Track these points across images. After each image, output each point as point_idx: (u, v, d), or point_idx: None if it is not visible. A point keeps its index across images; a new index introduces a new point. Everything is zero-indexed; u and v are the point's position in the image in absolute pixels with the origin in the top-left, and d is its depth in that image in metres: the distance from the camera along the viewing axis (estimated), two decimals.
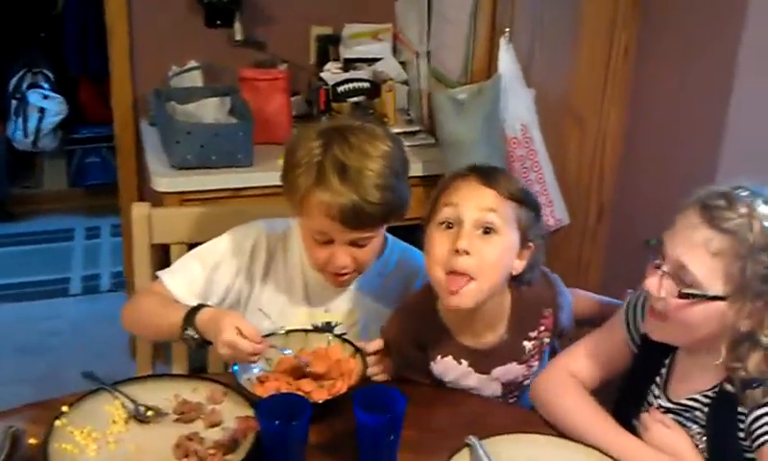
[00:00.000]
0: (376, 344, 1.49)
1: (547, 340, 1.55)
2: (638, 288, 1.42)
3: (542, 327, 1.53)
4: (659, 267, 1.27)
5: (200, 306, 1.48)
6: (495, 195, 1.41)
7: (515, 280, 1.47)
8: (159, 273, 1.61)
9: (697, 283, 1.22)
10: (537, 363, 1.55)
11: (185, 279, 1.57)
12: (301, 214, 1.50)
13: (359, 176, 1.43)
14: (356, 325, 1.62)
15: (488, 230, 1.39)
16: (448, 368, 1.51)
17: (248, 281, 1.61)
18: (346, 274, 1.54)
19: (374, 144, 1.46)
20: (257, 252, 1.61)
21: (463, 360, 1.50)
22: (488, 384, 1.52)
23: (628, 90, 2.00)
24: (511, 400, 1.57)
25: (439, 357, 1.50)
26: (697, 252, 1.22)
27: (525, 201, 1.44)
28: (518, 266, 1.45)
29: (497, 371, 1.51)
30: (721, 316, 1.23)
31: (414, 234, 1.56)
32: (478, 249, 1.37)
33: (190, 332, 1.45)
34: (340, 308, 1.63)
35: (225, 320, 1.40)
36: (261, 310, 1.61)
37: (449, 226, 1.40)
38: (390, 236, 1.66)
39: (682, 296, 1.24)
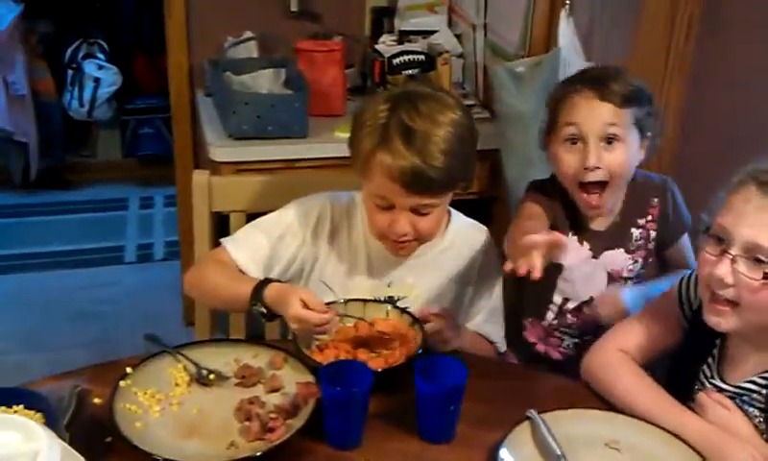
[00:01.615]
0: (439, 309, 1.49)
1: (653, 234, 1.66)
2: (693, 269, 1.40)
3: (650, 217, 1.66)
4: (724, 252, 1.24)
5: (266, 281, 1.47)
6: (612, 107, 1.53)
7: None
8: (223, 240, 1.62)
9: None
10: (640, 262, 1.66)
11: (250, 249, 1.57)
12: (364, 177, 1.50)
13: (424, 140, 1.42)
14: (418, 299, 1.60)
15: (611, 140, 1.54)
16: (573, 247, 1.60)
17: (311, 253, 1.61)
18: (406, 242, 1.52)
19: (444, 112, 1.45)
20: (322, 223, 1.61)
21: (584, 241, 1.63)
22: (598, 272, 1.64)
23: (690, 66, 1.96)
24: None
25: (570, 234, 1.61)
26: (766, 226, 1.19)
27: (639, 99, 1.55)
28: (641, 155, 1.60)
29: (606, 255, 1.64)
30: None
31: (476, 209, 1.55)
32: (605, 160, 1.54)
33: (259, 308, 1.45)
34: (402, 282, 1.61)
35: (290, 295, 1.40)
36: (324, 282, 1.60)
37: (574, 141, 1.56)
38: (453, 211, 1.65)
39: (766, 276, 1.19)
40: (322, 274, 1.61)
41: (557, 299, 1.69)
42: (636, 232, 1.65)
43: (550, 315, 1.71)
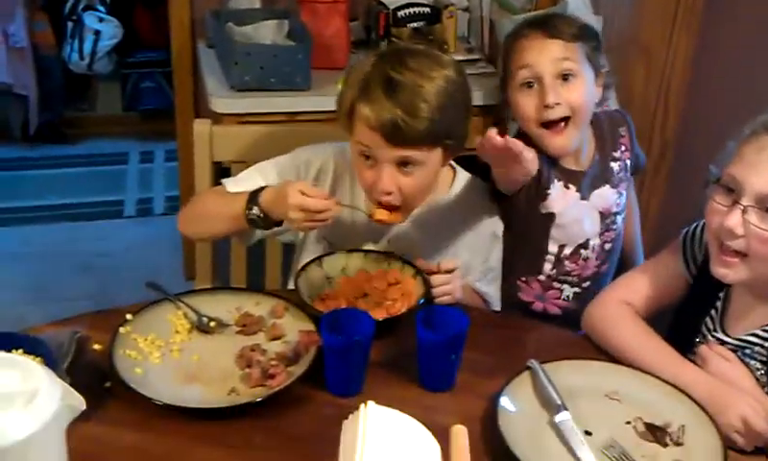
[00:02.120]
0: (449, 263, 1.47)
1: (629, 162, 1.71)
2: (698, 221, 1.39)
3: (623, 147, 1.71)
4: (735, 203, 1.22)
5: (262, 188, 1.46)
6: (562, 43, 1.55)
7: None
8: (223, 180, 1.60)
9: None
10: (624, 193, 1.71)
11: (248, 187, 1.53)
12: (348, 130, 1.48)
13: (406, 91, 1.40)
14: (418, 255, 1.56)
15: (566, 77, 1.55)
16: (559, 194, 1.62)
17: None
18: (393, 206, 1.49)
19: (435, 68, 1.43)
20: (323, 175, 1.59)
21: (570, 185, 1.63)
22: (589, 213, 1.66)
23: (698, 19, 1.93)
24: (606, 242, 1.69)
25: (555, 181, 1.61)
26: None
27: (587, 34, 1.59)
28: (598, 92, 1.61)
29: (594, 195, 1.66)
30: None
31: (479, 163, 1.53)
32: (564, 96, 1.54)
33: (255, 211, 1.43)
34: (404, 238, 1.59)
35: (288, 186, 1.39)
36: (325, 238, 1.59)
37: (530, 84, 1.56)
38: (459, 168, 1.63)
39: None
40: (322, 229, 1.59)
41: (552, 248, 1.68)
42: (615, 166, 1.69)
43: (547, 266, 1.70)
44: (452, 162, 1.61)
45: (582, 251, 1.69)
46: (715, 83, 1.88)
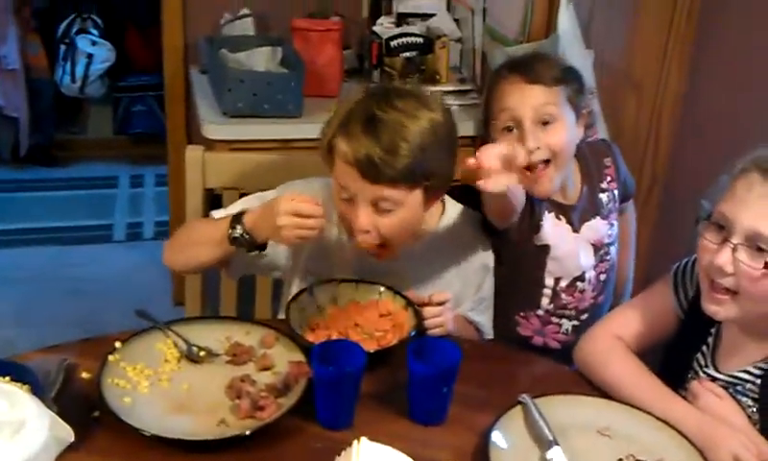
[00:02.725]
0: (441, 295, 1.46)
1: (617, 192, 1.72)
2: (689, 257, 1.39)
3: (609, 178, 1.72)
4: (725, 241, 1.23)
5: (246, 211, 1.45)
6: (542, 88, 1.55)
7: None
8: (212, 211, 1.60)
9: None
10: (615, 223, 1.72)
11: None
12: (328, 165, 1.47)
13: (386, 128, 1.38)
14: (408, 289, 1.53)
15: (546, 122, 1.55)
16: (552, 226, 1.64)
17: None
18: (374, 247, 1.47)
19: (421, 109, 1.42)
20: None
21: (561, 217, 1.65)
22: (582, 247, 1.67)
23: (689, 55, 1.95)
24: (602, 273, 1.70)
25: (546, 213, 1.63)
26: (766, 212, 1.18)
27: (569, 77, 1.59)
28: (580, 132, 1.62)
29: (585, 228, 1.67)
30: None
31: (470, 193, 1.53)
32: (544, 140, 1.55)
33: (239, 230, 1.42)
34: (393, 272, 1.55)
35: (278, 199, 1.38)
36: (309, 272, 1.58)
37: (510, 128, 1.56)
38: (448, 200, 1.62)
39: (766, 265, 1.19)
40: (307, 263, 1.58)
41: (549, 281, 1.68)
42: (603, 197, 1.71)
43: (545, 301, 1.70)
44: None
45: (578, 283, 1.69)
46: (706, 116, 1.90)
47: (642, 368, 1.37)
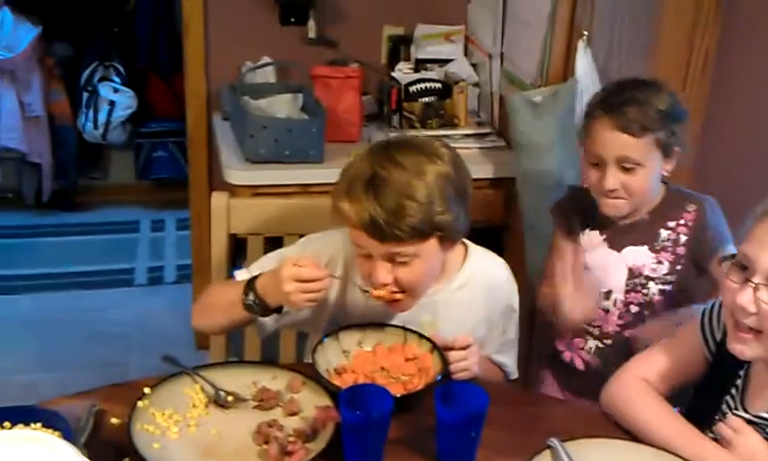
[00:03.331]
0: (464, 340, 1.46)
1: (684, 238, 1.68)
2: (714, 298, 1.40)
3: (683, 221, 1.69)
4: (747, 281, 1.24)
5: (260, 275, 1.46)
6: (628, 138, 1.58)
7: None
8: (235, 272, 1.60)
9: None
10: (666, 265, 1.68)
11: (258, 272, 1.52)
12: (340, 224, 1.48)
13: (388, 189, 1.38)
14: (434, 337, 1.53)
15: (627, 167, 1.60)
16: (591, 239, 1.72)
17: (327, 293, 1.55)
18: (393, 296, 1.47)
19: (426, 164, 1.41)
20: (333, 264, 1.57)
21: (603, 233, 1.72)
22: (616, 266, 1.70)
23: (705, 98, 1.96)
24: (632, 304, 1.70)
25: (588, 229, 1.71)
26: None
27: (661, 123, 1.59)
28: (668, 168, 1.65)
29: (628, 250, 1.70)
30: None
31: (489, 237, 1.55)
32: (623, 182, 1.62)
33: (251, 297, 1.44)
34: (417, 321, 1.55)
35: (282, 265, 1.40)
36: (336, 322, 1.57)
37: (596, 164, 1.64)
38: (471, 246, 1.62)
39: None
40: (333, 316, 1.58)
41: None
42: (664, 233, 1.69)
43: None
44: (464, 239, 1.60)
45: (604, 302, 1.72)
46: (721, 162, 1.91)
47: (671, 411, 1.37)
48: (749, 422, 1.32)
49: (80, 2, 4.05)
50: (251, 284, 1.46)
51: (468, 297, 1.59)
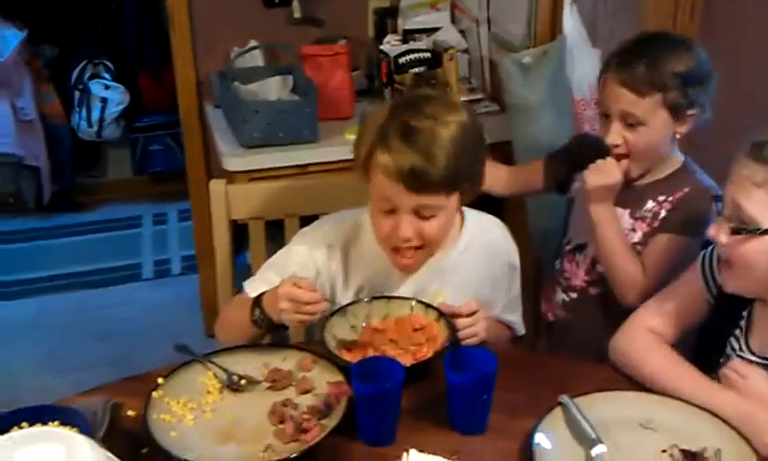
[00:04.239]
0: (470, 306, 1.48)
1: (663, 214, 1.66)
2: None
3: (670, 198, 1.66)
4: (719, 214, 1.33)
5: (267, 291, 1.48)
6: (632, 95, 1.58)
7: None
8: (244, 283, 1.61)
9: (751, 220, 1.25)
10: (639, 234, 1.68)
11: (265, 286, 1.52)
12: (366, 180, 1.49)
13: (423, 137, 1.41)
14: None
15: (631, 123, 1.60)
16: (581, 185, 1.72)
17: (328, 280, 1.58)
18: (410, 252, 1.50)
19: (450, 113, 1.44)
20: (332, 251, 1.58)
21: None
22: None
23: None
24: (599, 263, 1.71)
25: (586, 172, 1.69)
26: (745, 186, 1.25)
27: (672, 84, 1.56)
28: (682, 129, 1.63)
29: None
30: None
31: (489, 201, 1.56)
32: (626, 136, 1.62)
33: (257, 313, 1.46)
34: (425, 290, 1.57)
35: (282, 282, 1.42)
36: (339, 304, 1.57)
37: (606, 115, 1.65)
38: (467, 210, 1.63)
39: (733, 232, 1.26)
40: (342, 297, 1.59)
41: (564, 240, 1.80)
42: (650, 204, 1.68)
43: (557, 261, 1.82)
44: None
45: (577, 253, 1.76)
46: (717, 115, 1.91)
47: (680, 359, 1.38)
48: (754, 363, 1.33)
49: (64, 2, 4.02)
50: (257, 300, 1.47)
51: (471, 260, 1.61)
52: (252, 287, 1.56)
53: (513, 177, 2.00)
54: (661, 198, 1.67)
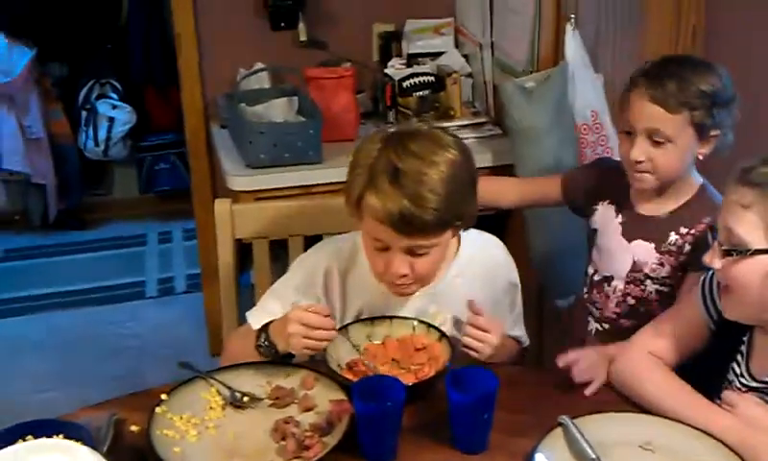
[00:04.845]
0: (489, 323, 1.49)
1: (688, 247, 1.65)
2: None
3: (693, 231, 1.65)
4: (714, 239, 1.34)
5: (273, 321, 1.49)
6: (662, 112, 1.56)
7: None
8: (247, 314, 1.62)
9: (740, 241, 1.27)
10: (667, 269, 1.66)
11: (267, 316, 1.54)
12: (358, 218, 1.49)
13: (411, 180, 1.39)
14: (442, 326, 1.55)
15: (657, 141, 1.58)
16: (606, 216, 1.74)
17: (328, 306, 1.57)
18: (405, 284, 1.51)
19: (437, 151, 1.43)
20: (329, 278, 1.59)
21: (620, 214, 1.72)
22: (622, 255, 1.71)
23: None
24: (630, 296, 1.71)
25: (607, 202, 1.74)
26: (734, 210, 1.27)
27: (700, 102, 1.56)
28: (704, 150, 1.62)
29: (637, 243, 1.69)
30: None
31: (493, 223, 1.57)
32: (651, 155, 1.60)
33: (263, 339, 1.47)
34: (424, 312, 1.58)
35: (294, 307, 1.43)
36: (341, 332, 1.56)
37: (629, 133, 1.62)
38: (462, 232, 1.62)
39: (725, 254, 1.28)
40: (342, 322, 1.59)
41: (590, 268, 1.78)
42: (673, 237, 1.66)
43: (584, 289, 1.80)
44: None
45: (605, 285, 1.74)
46: None
47: (679, 381, 1.39)
48: (755, 389, 1.34)
49: (72, 22, 4.07)
50: (264, 328, 1.49)
51: (469, 281, 1.61)
52: (255, 317, 1.57)
53: (520, 188, 2.03)
54: (684, 230, 1.65)
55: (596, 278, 1.77)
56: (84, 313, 3.54)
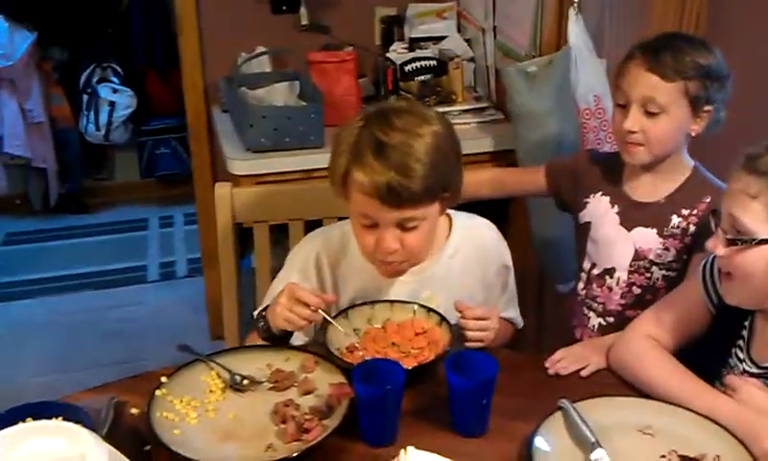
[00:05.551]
0: (485, 310, 1.50)
1: (693, 228, 1.64)
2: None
3: (695, 211, 1.64)
4: (717, 227, 1.33)
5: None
6: (658, 80, 1.56)
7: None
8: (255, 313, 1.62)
9: (746, 230, 1.26)
10: (672, 253, 1.65)
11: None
12: (344, 197, 1.49)
13: (396, 152, 1.40)
14: (438, 309, 1.55)
15: (651, 111, 1.57)
16: (599, 208, 1.72)
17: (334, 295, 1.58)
18: (396, 262, 1.51)
19: (421, 125, 1.44)
20: (321, 268, 1.60)
21: (616, 204, 1.70)
22: (623, 245, 1.69)
23: None
24: (636, 285, 1.68)
25: (600, 194, 1.72)
26: (740, 199, 1.27)
27: (697, 74, 1.56)
28: (696, 127, 1.61)
29: (637, 231, 1.68)
30: None
31: (494, 208, 1.56)
32: (644, 126, 1.59)
33: (261, 321, 1.49)
34: (417, 297, 1.58)
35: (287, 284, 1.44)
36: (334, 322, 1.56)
37: (623, 106, 1.62)
38: (454, 213, 1.64)
39: (730, 243, 1.28)
40: (335, 311, 1.57)
41: (586, 264, 1.75)
42: (675, 220, 1.65)
43: (580, 285, 1.77)
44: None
45: (607, 277, 1.72)
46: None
47: (679, 366, 1.39)
48: (757, 374, 1.34)
49: (73, 5, 4.06)
50: (261, 312, 1.51)
51: (461, 264, 1.61)
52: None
53: (498, 177, 2.02)
54: (685, 211, 1.65)
55: (595, 271, 1.74)
56: (84, 297, 3.55)
